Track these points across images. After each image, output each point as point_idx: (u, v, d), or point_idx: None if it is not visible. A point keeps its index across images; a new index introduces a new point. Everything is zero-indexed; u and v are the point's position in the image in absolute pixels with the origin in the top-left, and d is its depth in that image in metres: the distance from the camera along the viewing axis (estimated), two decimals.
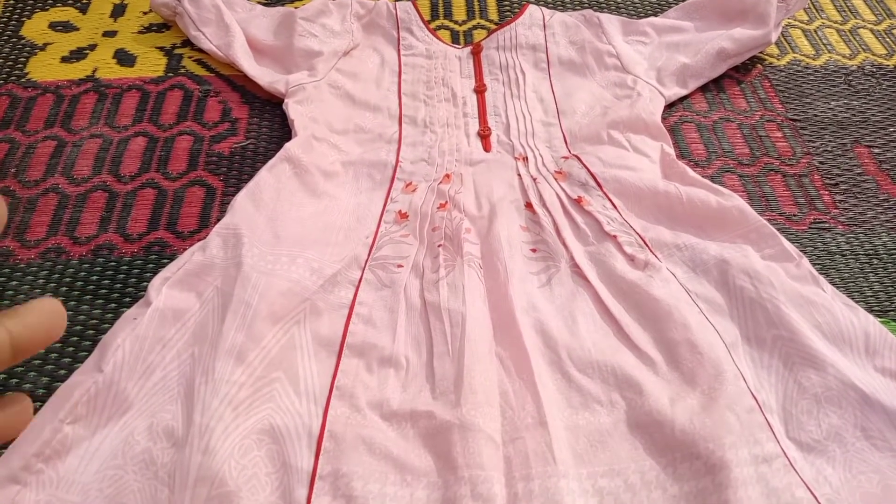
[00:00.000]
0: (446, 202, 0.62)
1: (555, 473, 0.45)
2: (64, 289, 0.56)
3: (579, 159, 0.65)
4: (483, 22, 0.83)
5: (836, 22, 0.86)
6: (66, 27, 0.79)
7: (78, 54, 0.75)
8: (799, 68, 0.79)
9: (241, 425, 0.46)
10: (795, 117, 0.74)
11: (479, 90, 0.72)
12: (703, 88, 0.76)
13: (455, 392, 0.49)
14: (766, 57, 0.80)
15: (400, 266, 0.57)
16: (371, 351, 0.52)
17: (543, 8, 0.80)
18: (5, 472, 0.44)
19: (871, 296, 0.60)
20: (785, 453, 0.47)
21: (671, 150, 0.66)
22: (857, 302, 0.56)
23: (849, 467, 0.47)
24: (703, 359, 0.50)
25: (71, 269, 0.58)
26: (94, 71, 0.74)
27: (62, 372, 0.51)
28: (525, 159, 0.66)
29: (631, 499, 0.46)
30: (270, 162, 0.61)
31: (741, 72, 0.78)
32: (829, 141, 0.72)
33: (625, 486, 0.46)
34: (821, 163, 0.70)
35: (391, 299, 0.55)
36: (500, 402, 0.49)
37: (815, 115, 0.74)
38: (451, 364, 0.51)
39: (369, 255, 0.58)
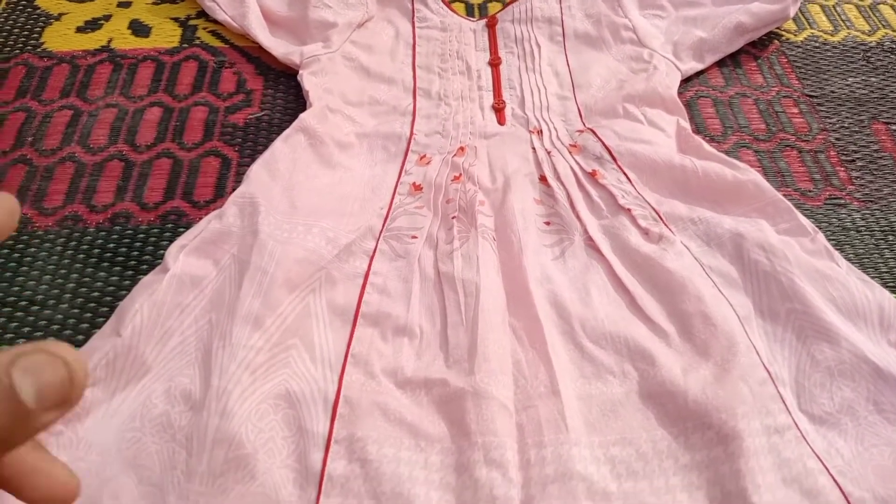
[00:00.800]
0: (460, 174, 0.62)
1: (567, 441, 0.45)
2: (81, 256, 0.57)
3: (594, 132, 0.65)
4: None
5: None
6: None
7: (93, 24, 0.75)
8: (816, 44, 0.78)
9: (259, 389, 0.47)
10: (812, 93, 0.73)
11: (494, 63, 0.72)
12: (720, 63, 0.75)
13: (468, 360, 0.49)
14: (784, 33, 0.79)
15: (414, 237, 0.57)
16: (385, 320, 0.52)
17: None
18: None
19: (886, 272, 0.59)
20: (797, 425, 0.47)
21: (687, 125, 0.66)
22: (871, 278, 0.55)
23: (861, 440, 0.47)
24: (716, 330, 0.51)
25: (88, 237, 0.58)
26: (109, 41, 0.74)
27: (80, 337, 0.52)
28: (539, 132, 0.66)
29: (643, 467, 0.46)
30: (286, 132, 0.62)
31: (758, 47, 0.77)
32: (846, 117, 0.71)
33: (637, 454, 0.47)
34: (837, 139, 0.69)
35: (405, 269, 0.55)
36: (513, 371, 0.49)
37: (832, 92, 0.73)
38: (464, 333, 0.51)
39: (384, 225, 0.58)
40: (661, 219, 0.58)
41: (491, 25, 0.75)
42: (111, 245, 0.58)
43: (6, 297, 0.54)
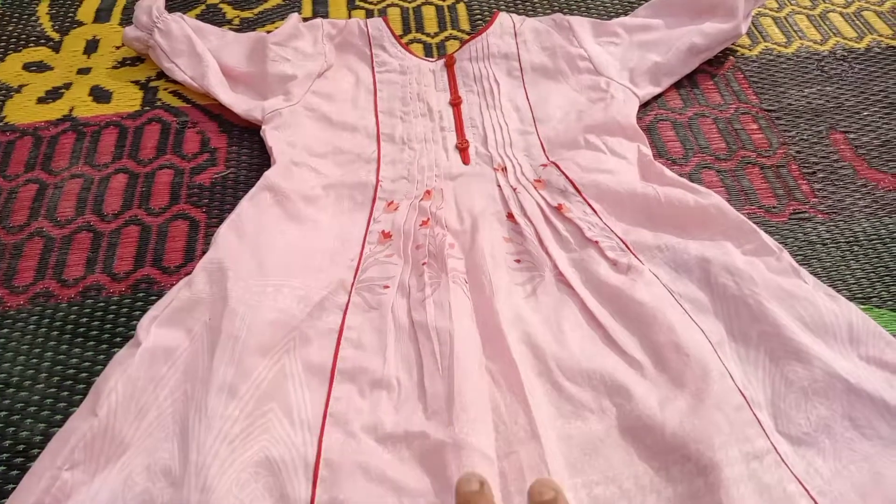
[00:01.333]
0: (428, 219, 0.62)
1: None
2: (55, 333, 0.57)
3: (557, 166, 0.66)
4: (455, 32, 0.84)
5: (805, 7, 0.86)
6: (41, 67, 0.79)
7: (54, 94, 0.76)
8: (771, 57, 0.79)
9: (238, 459, 0.46)
10: (770, 108, 0.74)
11: (455, 103, 0.73)
12: (678, 85, 0.76)
13: (447, 411, 0.49)
14: (738, 48, 0.80)
15: (386, 287, 0.58)
16: (362, 375, 0.52)
17: (514, 15, 0.81)
18: None
19: (854, 283, 0.60)
20: (775, 448, 0.47)
21: (648, 151, 0.67)
22: (839, 290, 0.56)
23: (839, 458, 0.48)
24: (689, 360, 0.51)
25: (60, 313, 0.58)
26: (70, 110, 0.74)
27: (58, 417, 0.52)
28: (504, 170, 0.67)
29: None
30: (251, 192, 0.62)
31: (714, 65, 0.78)
32: (805, 129, 0.72)
33: (620, 492, 0.47)
34: (797, 152, 0.70)
35: (379, 321, 0.55)
36: (492, 418, 0.50)
37: (790, 104, 0.75)
38: (441, 382, 0.51)
39: (355, 277, 0.58)
40: (629, 248, 0.59)
41: (449, 65, 0.76)
42: (84, 319, 0.58)
43: None
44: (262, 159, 0.69)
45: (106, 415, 0.48)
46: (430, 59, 0.78)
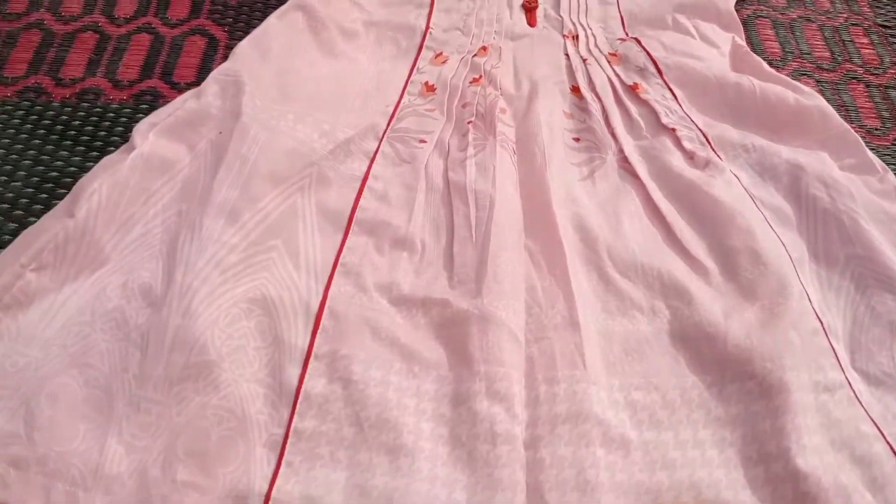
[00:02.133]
0: (480, 76, 0.54)
1: (584, 378, 0.39)
2: (41, 131, 0.50)
3: (639, 42, 0.57)
4: None
5: None
6: None
7: None
8: None
9: (230, 291, 0.40)
10: (886, 23, 0.65)
11: None
12: None
13: (476, 281, 0.43)
14: None
15: (423, 141, 0.50)
16: (383, 230, 0.45)
17: None
18: None
19: None
20: (850, 384, 0.41)
21: (744, 43, 0.58)
22: None
23: None
24: (766, 270, 0.44)
25: (51, 112, 0.52)
26: None
27: (32, 219, 0.45)
28: (575, 38, 0.58)
29: (668, 416, 0.40)
30: (282, 8, 0.54)
31: None
32: None
33: (662, 401, 0.40)
34: None
35: (410, 176, 0.48)
36: (526, 298, 0.43)
37: None
38: (473, 251, 0.44)
39: (388, 125, 0.51)
40: (710, 143, 0.51)
41: None
42: (76, 122, 0.51)
43: None
44: None
45: (84, 217, 0.42)
46: None
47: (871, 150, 0.54)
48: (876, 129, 0.57)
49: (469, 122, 0.51)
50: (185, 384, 0.37)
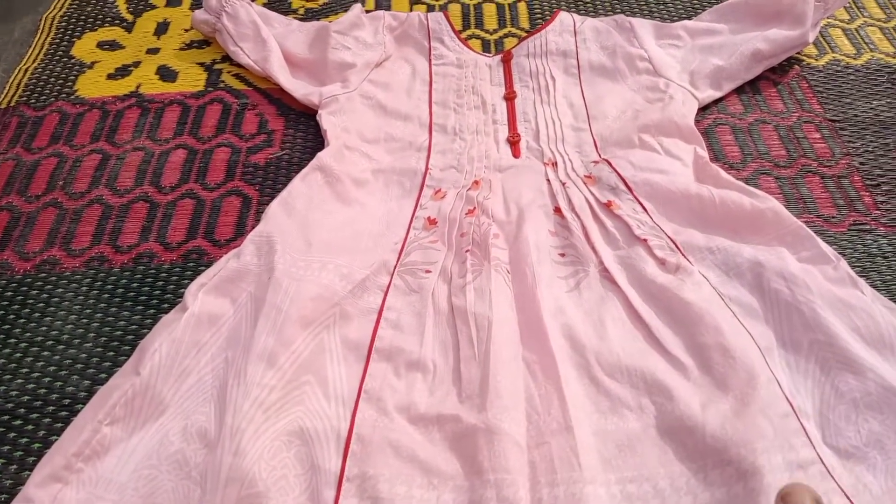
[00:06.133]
0: (475, 208, 0.62)
1: (580, 479, 0.45)
2: (106, 295, 0.59)
3: (609, 163, 0.65)
4: (514, 30, 0.84)
5: (879, 20, 0.83)
6: (113, 46, 0.82)
7: (123, 71, 0.79)
8: (839, 68, 0.77)
9: (272, 427, 0.47)
10: (835, 118, 0.72)
11: (509, 97, 0.72)
12: (739, 90, 0.75)
13: (480, 396, 0.49)
14: (804, 58, 0.78)
15: (428, 271, 0.58)
16: (399, 355, 0.52)
17: (575, 14, 0.80)
18: (48, 470, 0.45)
19: None
20: (822, 459, 0.45)
21: (704, 154, 0.65)
22: None
23: (891, 475, 0.45)
24: (735, 363, 0.49)
25: (113, 277, 0.60)
26: (137, 87, 0.77)
27: (103, 375, 0.53)
28: (554, 164, 0.66)
29: None
30: (303, 171, 0.63)
31: (778, 73, 0.76)
32: (871, 141, 0.70)
33: (654, 491, 0.46)
34: (861, 163, 0.68)
35: (419, 304, 0.55)
36: (525, 407, 0.49)
37: (856, 115, 0.72)
38: (476, 368, 0.51)
39: (398, 260, 0.58)
40: (679, 248, 0.58)
41: (506, 60, 0.76)
42: (135, 284, 0.59)
43: (34, 337, 0.56)
44: (316, 143, 0.70)
45: (148, 374, 0.49)
46: (488, 55, 0.78)
47: (829, 237, 0.61)
48: (833, 217, 0.63)
49: (467, 251, 0.58)
50: None
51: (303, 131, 0.72)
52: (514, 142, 0.68)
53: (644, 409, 0.49)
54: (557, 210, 0.62)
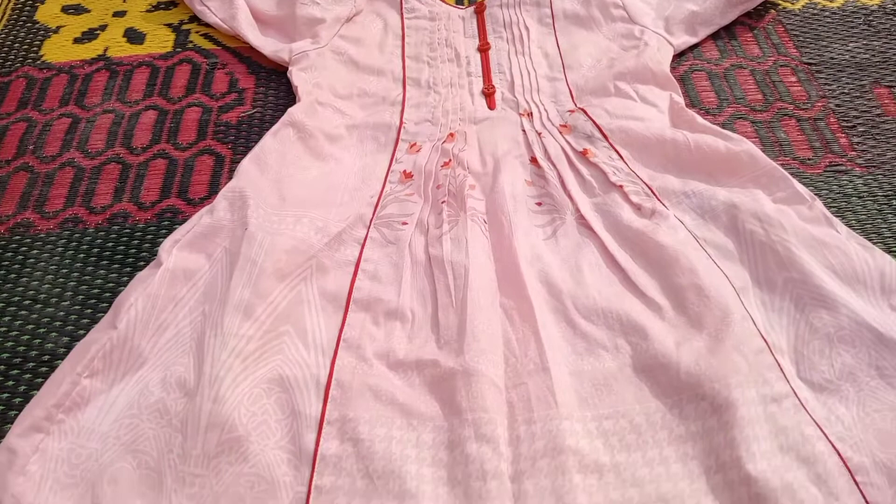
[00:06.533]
0: (450, 160, 0.62)
1: (557, 416, 0.45)
2: (82, 255, 0.58)
3: (585, 112, 0.64)
4: None
5: None
6: (78, 10, 0.80)
7: (90, 35, 0.77)
8: (815, 11, 0.76)
9: (251, 375, 0.47)
10: (811, 61, 0.72)
11: (483, 49, 0.72)
12: (715, 36, 0.74)
13: (458, 341, 0.49)
14: (780, 2, 0.77)
15: (405, 223, 0.57)
16: (377, 305, 0.52)
17: None
18: (29, 421, 0.46)
19: (890, 236, 0.58)
20: (795, 393, 0.46)
21: (680, 99, 0.65)
22: (874, 243, 0.54)
23: (862, 406, 0.46)
24: (709, 302, 0.50)
25: (88, 238, 0.60)
26: (105, 50, 0.75)
27: (82, 332, 0.53)
28: (530, 115, 0.66)
29: (636, 439, 0.46)
30: (274, 127, 0.62)
31: (753, 18, 0.76)
32: (847, 83, 0.69)
33: (630, 426, 0.46)
34: (837, 105, 0.68)
35: (396, 255, 0.55)
36: (503, 351, 0.49)
37: (832, 58, 0.72)
38: (454, 314, 0.51)
39: (374, 213, 0.58)
40: (654, 194, 0.58)
41: (479, 12, 0.75)
42: (110, 244, 0.59)
43: (11, 297, 0.56)
44: (288, 100, 0.69)
45: (125, 328, 0.49)
46: (461, 7, 0.77)
47: (805, 178, 0.61)
48: (808, 159, 0.64)
49: (443, 202, 0.58)
50: (220, 458, 0.44)
51: (274, 89, 0.71)
52: (488, 94, 0.68)
53: (620, 350, 0.50)
54: (533, 160, 0.62)
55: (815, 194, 0.56)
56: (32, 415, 0.46)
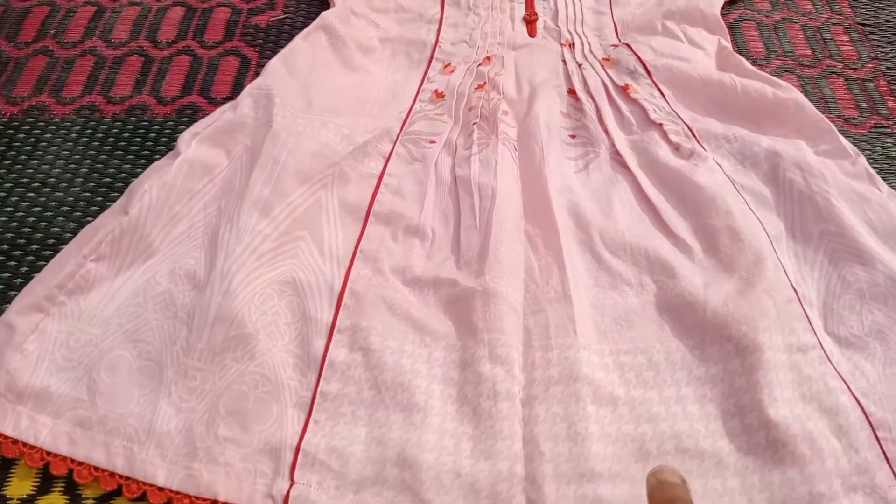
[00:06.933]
0: (485, 83, 0.59)
1: (574, 345, 0.44)
2: (96, 143, 0.57)
3: (629, 47, 0.62)
4: None
5: None
6: None
7: None
8: None
9: (264, 275, 0.46)
10: (865, 21, 0.69)
11: None
12: None
13: (479, 262, 0.48)
14: None
15: (432, 141, 0.55)
16: (398, 220, 0.51)
17: None
18: (30, 299, 0.44)
19: None
20: (822, 345, 0.45)
21: (728, 44, 0.63)
22: None
23: (889, 364, 0.45)
24: (743, 245, 0.48)
25: (104, 126, 0.58)
26: None
27: (89, 219, 0.51)
28: (571, 45, 0.63)
29: (654, 377, 0.44)
30: (306, 30, 0.60)
31: None
32: None
33: (648, 363, 0.45)
34: (889, 68, 0.65)
35: (421, 173, 0.54)
36: (524, 276, 0.48)
37: (888, 21, 0.69)
38: (477, 236, 0.49)
39: (402, 129, 0.56)
40: (694, 135, 0.56)
41: None
42: (126, 135, 0.57)
43: (20, 179, 0.54)
44: (321, 8, 0.66)
45: (137, 214, 0.48)
46: None
47: (849, 137, 0.59)
48: (853, 119, 0.61)
49: (474, 124, 0.56)
50: (226, 354, 0.43)
51: None
52: (530, 20, 0.65)
53: (644, 287, 0.48)
54: (571, 91, 0.60)
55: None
56: (34, 293, 0.44)
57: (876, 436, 0.41)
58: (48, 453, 0.40)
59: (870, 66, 0.65)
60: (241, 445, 0.40)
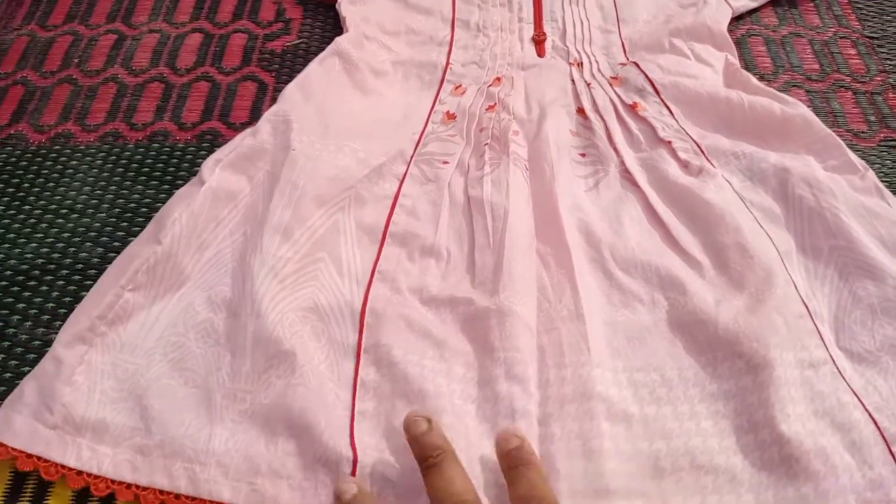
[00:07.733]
0: (495, 104, 0.61)
1: (588, 362, 0.45)
2: (120, 169, 0.58)
3: (637, 65, 0.63)
4: None
5: None
6: None
7: None
8: None
9: (287, 297, 0.47)
10: (873, 34, 0.69)
11: None
12: (774, 2, 0.72)
13: (493, 281, 0.49)
14: None
15: (445, 162, 0.57)
16: (413, 240, 0.52)
17: None
18: (74, 331, 0.45)
19: None
20: (833, 361, 0.45)
21: (736, 61, 0.63)
22: None
23: None
24: (753, 262, 0.49)
25: (127, 153, 0.60)
26: None
27: (116, 244, 0.53)
28: (580, 65, 0.64)
29: (667, 393, 0.45)
30: (321, 55, 0.61)
31: None
32: None
33: (661, 380, 0.46)
34: None
35: (435, 193, 0.55)
36: (537, 295, 0.49)
37: (895, 33, 0.69)
38: (490, 255, 0.50)
39: (415, 150, 0.57)
40: (703, 152, 0.56)
41: None
42: (149, 161, 0.59)
43: (49, 205, 0.56)
44: (335, 33, 0.68)
45: (170, 243, 0.49)
46: None
47: (859, 151, 0.59)
48: (863, 132, 0.62)
49: (485, 144, 0.57)
50: (270, 372, 0.44)
51: (321, 21, 0.70)
52: (539, 41, 0.66)
53: (656, 304, 0.49)
54: (580, 111, 0.61)
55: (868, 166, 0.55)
56: (77, 325, 0.46)
57: (890, 451, 0.42)
58: (112, 482, 0.41)
59: (878, 79, 0.66)
60: (300, 457, 0.41)
